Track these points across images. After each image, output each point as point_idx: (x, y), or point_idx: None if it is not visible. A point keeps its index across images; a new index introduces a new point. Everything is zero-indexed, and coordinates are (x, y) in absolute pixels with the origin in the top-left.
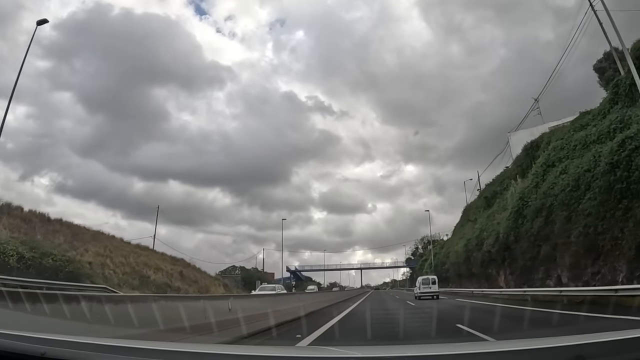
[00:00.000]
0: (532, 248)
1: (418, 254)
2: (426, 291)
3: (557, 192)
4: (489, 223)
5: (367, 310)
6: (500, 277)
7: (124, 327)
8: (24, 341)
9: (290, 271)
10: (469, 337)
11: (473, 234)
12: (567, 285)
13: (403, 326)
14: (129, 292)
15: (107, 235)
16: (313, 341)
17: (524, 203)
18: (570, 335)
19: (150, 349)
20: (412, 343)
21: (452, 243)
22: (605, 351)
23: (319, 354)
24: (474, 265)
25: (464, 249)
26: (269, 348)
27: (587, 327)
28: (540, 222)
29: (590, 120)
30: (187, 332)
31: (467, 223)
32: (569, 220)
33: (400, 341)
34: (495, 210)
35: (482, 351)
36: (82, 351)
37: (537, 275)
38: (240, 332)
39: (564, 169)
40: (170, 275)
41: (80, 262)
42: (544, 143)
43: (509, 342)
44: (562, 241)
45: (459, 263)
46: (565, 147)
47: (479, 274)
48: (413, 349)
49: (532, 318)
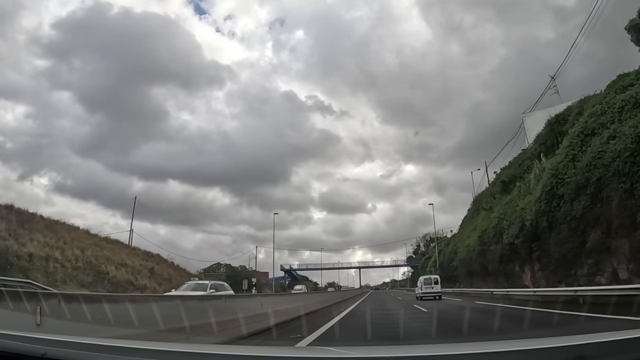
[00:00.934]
0: (574, 235)
1: (420, 253)
2: (428, 291)
3: (609, 161)
4: (509, 210)
5: (366, 315)
6: (526, 274)
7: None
8: (24, 341)
9: (284, 270)
10: (470, 337)
11: (489, 224)
12: (629, 282)
13: None
14: (74, 289)
15: (68, 225)
16: (313, 341)
17: (558, 181)
18: (571, 335)
19: (150, 349)
20: (412, 343)
21: (461, 237)
22: (606, 351)
23: (319, 354)
24: (491, 261)
25: (478, 243)
26: (268, 348)
27: None
28: (585, 202)
29: (634, 80)
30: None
31: (480, 214)
32: (632, 194)
33: (400, 341)
34: (516, 196)
35: (483, 351)
36: (82, 351)
37: (581, 270)
38: None
39: (612, 134)
40: (137, 271)
41: (17, 253)
42: (573, 114)
43: (510, 342)
44: (620, 223)
45: (471, 259)
46: (607, 111)
47: (497, 271)
48: (413, 349)
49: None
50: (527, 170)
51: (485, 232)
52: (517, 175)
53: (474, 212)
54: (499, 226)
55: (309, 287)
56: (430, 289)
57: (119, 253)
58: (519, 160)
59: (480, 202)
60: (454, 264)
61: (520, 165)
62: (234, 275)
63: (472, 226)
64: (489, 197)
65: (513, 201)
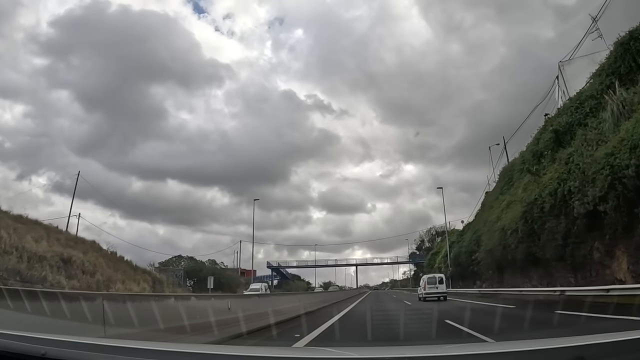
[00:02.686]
0: None
1: (424, 249)
2: (432, 292)
3: None
4: (577, 165)
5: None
6: (618, 260)
7: None
8: (24, 341)
9: (272, 268)
10: (469, 338)
11: (541, 192)
12: None
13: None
14: None
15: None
16: (311, 341)
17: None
18: (572, 336)
19: (150, 349)
20: (411, 344)
21: (486, 223)
22: (606, 352)
23: (317, 355)
24: (546, 245)
25: (521, 222)
26: (266, 349)
27: None
28: None
29: None
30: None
31: (515, 185)
32: None
33: (399, 342)
34: (582, 147)
35: (482, 352)
36: (82, 351)
37: None
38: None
39: None
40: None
41: None
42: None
43: (509, 343)
44: None
45: (506, 247)
46: None
47: (556, 258)
48: (411, 349)
49: None
50: (593, 112)
51: (535, 204)
52: (576, 121)
53: (503, 187)
54: (560, 191)
55: (300, 287)
56: (434, 289)
57: (24, 235)
58: (574, 102)
59: (511, 172)
60: (477, 256)
61: (578, 108)
62: (197, 271)
63: (503, 204)
64: (528, 161)
65: (578, 153)
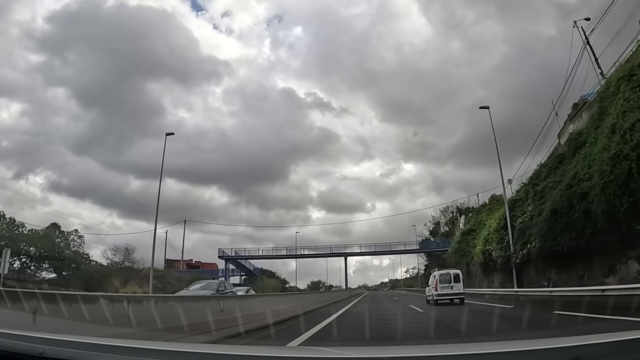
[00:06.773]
0: None
1: (440, 234)
2: (446, 293)
3: None
4: None
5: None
6: None
7: None
8: (22, 340)
9: (225, 258)
10: (468, 337)
11: None
12: None
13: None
14: None
15: None
16: (304, 341)
17: None
18: (569, 336)
19: (150, 349)
20: (409, 344)
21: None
22: (604, 353)
23: (314, 355)
24: None
25: None
26: (262, 348)
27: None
28: None
29: None
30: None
31: None
32: None
33: (396, 342)
34: None
35: (480, 352)
36: (80, 351)
37: None
38: None
39: None
40: None
41: None
42: None
43: (507, 343)
44: None
45: None
46: None
47: None
48: (409, 349)
49: None
50: None
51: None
52: None
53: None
54: None
55: (270, 285)
56: (448, 288)
57: None
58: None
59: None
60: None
61: None
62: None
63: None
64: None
65: None
